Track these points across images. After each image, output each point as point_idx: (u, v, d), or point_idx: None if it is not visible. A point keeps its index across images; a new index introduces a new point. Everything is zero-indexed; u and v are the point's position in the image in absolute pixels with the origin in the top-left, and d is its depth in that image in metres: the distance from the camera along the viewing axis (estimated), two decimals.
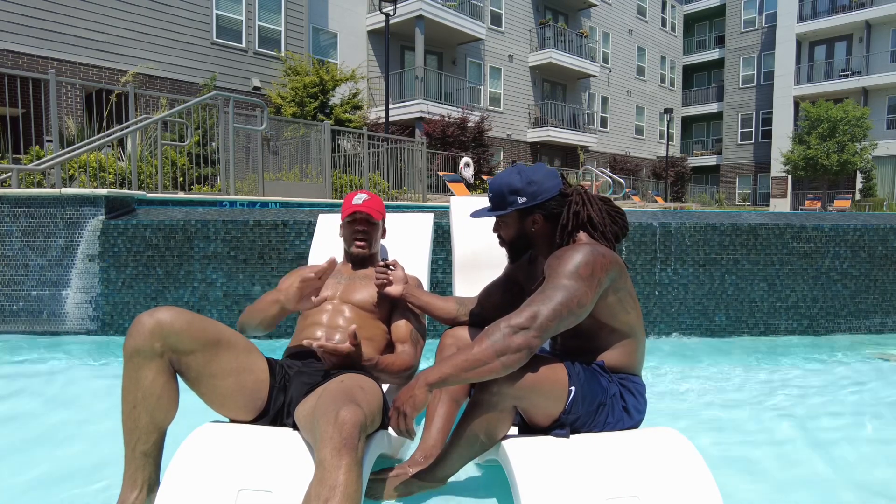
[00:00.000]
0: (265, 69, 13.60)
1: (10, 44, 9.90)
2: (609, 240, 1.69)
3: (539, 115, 22.38)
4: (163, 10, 11.84)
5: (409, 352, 1.99)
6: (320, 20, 15.87)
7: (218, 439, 1.52)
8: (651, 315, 3.95)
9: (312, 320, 1.98)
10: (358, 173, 10.89)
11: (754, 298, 4.03)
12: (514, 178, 1.71)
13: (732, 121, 30.10)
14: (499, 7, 20.72)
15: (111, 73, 11.13)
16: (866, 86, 24.28)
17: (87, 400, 2.69)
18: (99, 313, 3.89)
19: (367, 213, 2.13)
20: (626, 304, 1.62)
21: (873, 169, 22.96)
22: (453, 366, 1.43)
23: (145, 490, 1.49)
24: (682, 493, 1.39)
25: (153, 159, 7.19)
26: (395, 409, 1.48)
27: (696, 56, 32.72)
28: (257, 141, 8.47)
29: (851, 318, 4.12)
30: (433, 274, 3.81)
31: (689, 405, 2.65)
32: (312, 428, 1.38)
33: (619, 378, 1.65)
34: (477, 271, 2.55)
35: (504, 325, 1.44)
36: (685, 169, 28.43)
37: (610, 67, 26.06)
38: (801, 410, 2.59)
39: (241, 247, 3.88)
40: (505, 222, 1.79)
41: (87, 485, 1.82)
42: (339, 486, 1.23)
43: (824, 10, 25.67)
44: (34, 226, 3.89)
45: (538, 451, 1.50)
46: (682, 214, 4.24)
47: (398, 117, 16.61)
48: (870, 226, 4.10)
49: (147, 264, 3.90)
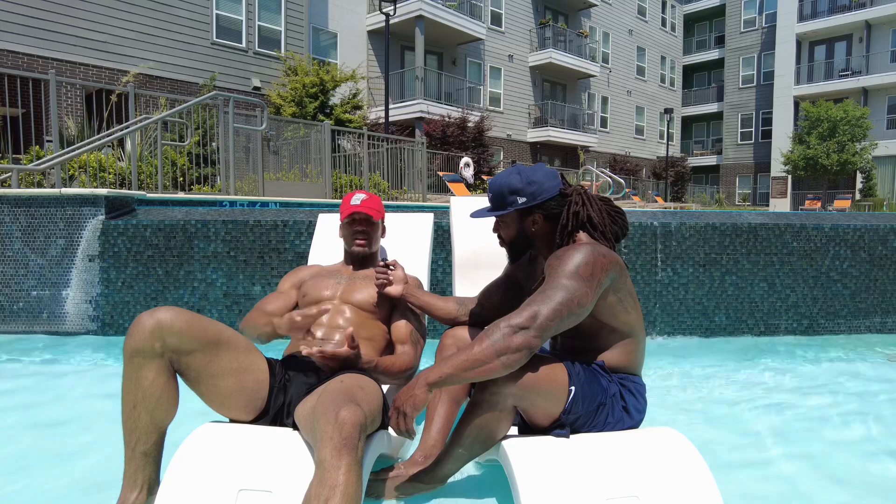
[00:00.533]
0: (265, 69, 13.60)
1: (10, 44, 9.90)
2: (609, 240, 1.69)
3: (539, 115, 22.38)
4: (163, 10, 11.85)
5: (409, 352, 1.99)
6: (320, 20, 15.87)
7: (218, 439, 1.52)
8: (651, 315, 3.95)
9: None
10: (358, 173, 10.89)
11: (754, 298, 4.03)
12: (513, 178, 1.71)
13: (732, 121, 30.10)
14: (499, 7, 20.72)
15: (111, 73, 11.13)
16: (866, 86, 24.29)
17: (86, 400, 2.69)
18: (99, 313, 3.89)
19: (366, 213, 2.13)
20: (627, 303, 1.62)
21: (873, 169, 22.96)
22: (453, 365, 1.43)
23: (145, 490, 1.49)
24: (682, 493, 1.39)
25: (153, 159, 7.20)
26: (395, 408, 1.48)
27: (696, 56, 32.73)
28: (257, 141, 8.47)
29: (851, 318, 4.12)
30: (433, 274, 3.81)
31: (688, 405, 2.65)
32: (312, 428, 1.38)
33: (619, 378, 1.65)
34: (477, 271, 2.55)
35: (504, 324, 1.44)
36: (685, 169, 28.43)
37: (610, 67, 26.07)
38: (801, 410, 2.59)
39: (241, 247, 3.88)
40: (505, 222, 1.79)
41: (87, 485, 1.82)
42: (340, 486, 1.23)
43: (824, 10, 25.67)
44: (34, 226, 3.89)
45: (538, 451, 1.50)
46: (682, 214, 4.24)
47: (398, 117, 16.62)
48: (870, 226, 4.10)
49: (147, 264, 3.90)
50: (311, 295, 2.05)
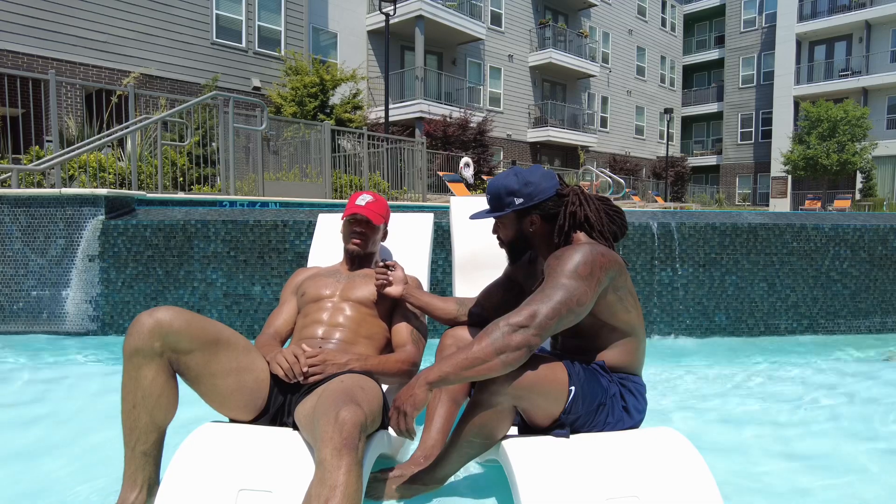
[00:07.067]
0: (265, 69, 13.60)
1: (10, 44, 9.90)
2: (607, 239, 1.69)
3: (539, 115, 22.38)
4: (163, 11, 11.85)
5: (407, 350, 1.98)
6: (320, 20, 15.87)
7: (218, 439, 1.52)
8: (651, 315, 3.95)
9: (313, 318, 1.98)
10: (358, 173, 10.89)
11: (754, 298, 4.03)
12: (510, 179, 1.72)
13: (732, 121, 30.10)
14: (499, 7, 20.72)
15: (111, 73, 11.13)
16: (866, 86, 24.28)
17: (86, 400, 2.69)
18: (99, 313, 3.89)
19: (366, 216, 2.13)
20: (627, 303, 1.62)
21: (873, 169, 22.96)
22: (453, 364, 1.43)
23: (145, 490, 1.49)
24: (682, 493, 1.39)
25: (153, 159, 7.20)
26: (395, 408, 1.48)
27: (696, 56, 32.72)
28: (257, 141, 8.47)
29: (851, 317, 4.12)
30: (433, 274, 3.81)
31: (689, 405, 2.65)
32: (312, 428, 1.38)
33: (619, 378, 1.65)
34: (477, 271, 2.55)
35: (503, 323, 1.44)
36: (685, 169, 28.42)
37: (610, 67, 26.06)
38: (801, 410, 2.59)
39: (241, 247, 3.88)
40: (503, 223, 1.79)
41: (87, 484, 1.82)
42: (340, 486, 1.24)
43: (824, 10, 25.67)
44: (34, 226, 3.89)
45: (538, 451, 1.50)
46: (682, 214, 4.24)
47: (398, 117, 16.61)
48: (870, 226, 4.10)
49: (147, 264, 3.90)
50: (310, 294, 2.05)
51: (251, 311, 3.89)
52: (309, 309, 2.02)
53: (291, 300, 2.14)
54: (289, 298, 2.15)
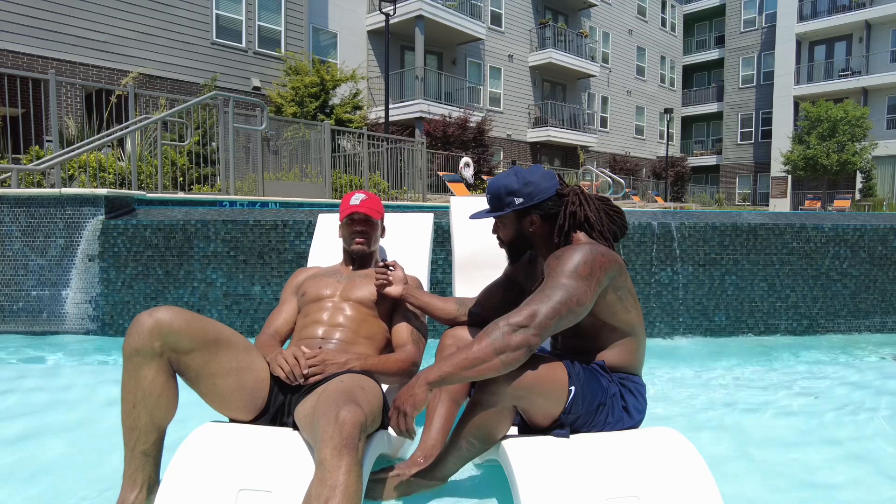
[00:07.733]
0: (265, 69, 13.60)
1: (10, 44, 9.90)
2: (608, 239, 1.69)
3: (539, 115, 22.38)
4: (163, 10, 11.85)
5: (410, 350, 1.98)
6: (320, 20, 15.87)
7: (218, 439, 1.52)
8: (651, 315, 3.95)
9: (313, 318, 1.98)
10: (358, 173, 10.89)
11: (754, 298, 4.03)
12: (510, 179, 1.72)
13: (732, 121, 30.10)
14: (499, 7, 20.71)
15: (111, 73, 11.13)
16: (866, 86, 24.29)
17: (86, 400, 2.69)
18: (99, 313, 3.89)
19: (364, 213, 2.13)
20: (627, 302, 1.62)
21: (873, 169, 22.96)
22: (453, 364, 1.43)
23: (145, 489, 1.49)
24: (682, 493, 1.39)
25: (153, 159, 7.19)
26: (395, 408, 1.48)
27: (696, 56, 32.72)
28: (257, 141, 8.47)
29: (851, 317, 4.12)
30: (433, 274, 3.81)
31: (688, 405, 2.65)
32: (312, 428, 1.38)
33: (619, 378, 1.65)
34: (477, 271, 2.55)
35: (503, 323, 1.44)
36: (685, 169, 28.43)
37: (610, 67, 26.06)
38: (801, 410, 2.60)
39: (241, 247, 3.88)
40: (503, 223, 1.79)
41: (86, 484, 1.82)
42: (340, 486, 1.24)
43: (824, 10, 25.67)
44: (34, 226, 3.89)
45: (538, 451, 1.50)
46: (682, 214, 4.24)
47: (398, 117, 16.61)
48: (870, 226, 4.10)
49: (147, 264, 3.90)
50: (310, 294, 2.05)
51: (251, 311, 3.89)
52: (309, 309, 2.02)
53: (291, 300, 2.14)
54: (289, 298, 2.15)
